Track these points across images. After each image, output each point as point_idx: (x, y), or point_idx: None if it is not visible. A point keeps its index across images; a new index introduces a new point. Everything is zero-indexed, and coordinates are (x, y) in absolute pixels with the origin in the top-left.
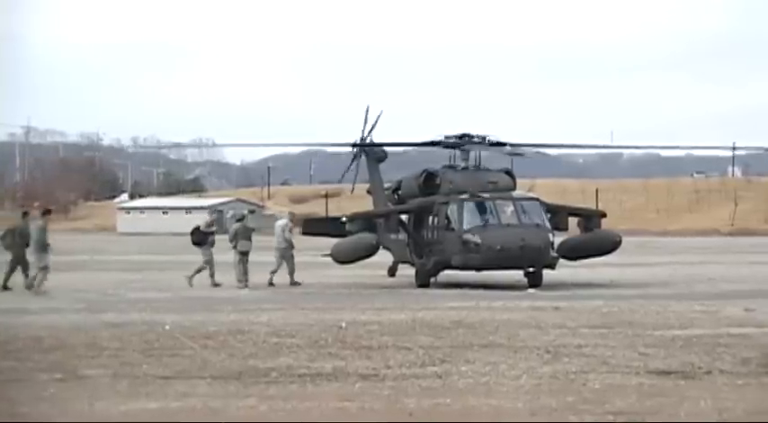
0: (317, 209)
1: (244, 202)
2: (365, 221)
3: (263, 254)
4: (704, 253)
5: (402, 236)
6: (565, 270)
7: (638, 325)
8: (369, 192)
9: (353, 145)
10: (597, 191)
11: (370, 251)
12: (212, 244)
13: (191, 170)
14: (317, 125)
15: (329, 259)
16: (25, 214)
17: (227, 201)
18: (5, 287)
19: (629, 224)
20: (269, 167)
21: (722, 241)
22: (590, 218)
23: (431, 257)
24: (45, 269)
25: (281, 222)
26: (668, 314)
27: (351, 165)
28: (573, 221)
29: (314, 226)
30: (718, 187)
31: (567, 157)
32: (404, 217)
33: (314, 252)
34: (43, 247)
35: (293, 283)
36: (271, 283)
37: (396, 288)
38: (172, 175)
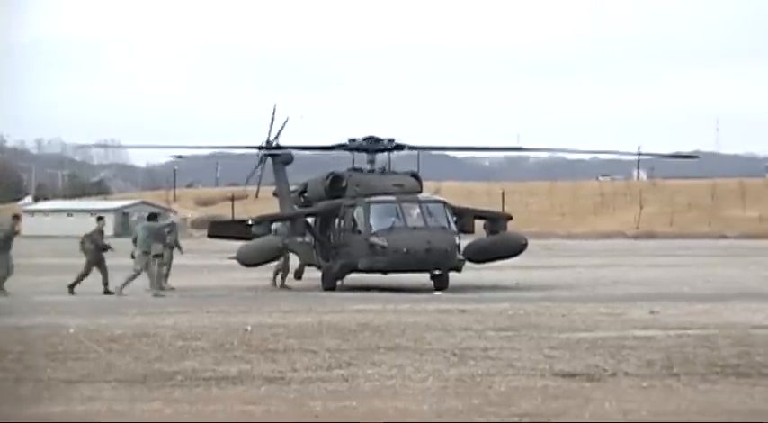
0: (223, 211)
1: (149, 204)
2: (271, 224)
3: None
4: (609, 255)
5: (308, 238)
6: (471, 273)
7: (543, 327)
8: (275, 194)
9: (260, 148)
10: (503, 193)
11: (278, 253)
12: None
13: (96, 172)
14: (222, 127)
15: (235, 262)
16: (154, 216)
17: (132, 203)
18: None
19: (535, 227)
20: (175, 170)
21: (627, 244)
22: (496, 221)
23: (337, 260)
24: (137, 273)
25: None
26: (573, 316)
27: (257, 168)
28: (479, 224)
29: (219, 229)
30: (624, 190)
31: (473, 160)
32: (310, 219)
33: (220, 255)
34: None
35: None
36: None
37: (302, 291)
38: (77, 178)
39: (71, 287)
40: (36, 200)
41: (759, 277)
